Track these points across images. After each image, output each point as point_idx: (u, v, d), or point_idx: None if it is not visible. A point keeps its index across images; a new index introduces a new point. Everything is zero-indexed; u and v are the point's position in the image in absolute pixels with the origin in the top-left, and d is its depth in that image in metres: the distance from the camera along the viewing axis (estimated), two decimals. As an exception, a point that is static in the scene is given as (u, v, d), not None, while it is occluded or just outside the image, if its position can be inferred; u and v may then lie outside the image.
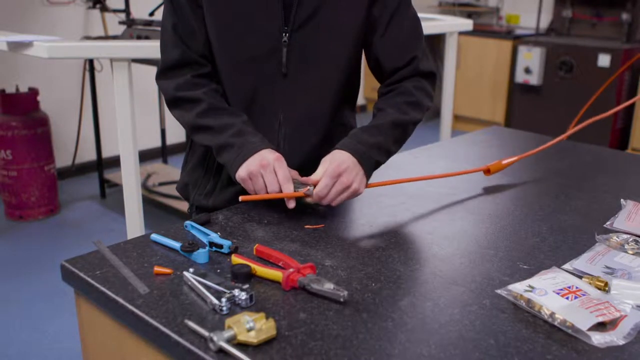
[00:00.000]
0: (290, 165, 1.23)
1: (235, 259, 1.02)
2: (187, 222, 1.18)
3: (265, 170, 1.18)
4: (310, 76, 1.33)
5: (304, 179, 1.22)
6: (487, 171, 1.47)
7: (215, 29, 1.30)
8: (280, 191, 1.18)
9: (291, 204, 1.20)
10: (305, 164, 1.36)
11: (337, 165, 1.20)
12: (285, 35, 1.28)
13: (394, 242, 1.15)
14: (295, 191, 1.18)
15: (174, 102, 1.33)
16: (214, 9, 1.28)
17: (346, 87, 1.39)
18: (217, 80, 1.35)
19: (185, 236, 1.15)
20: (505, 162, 1.48)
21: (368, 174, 1.26)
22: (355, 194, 1.22)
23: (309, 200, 1.21)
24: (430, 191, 1.41)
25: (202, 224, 1.17)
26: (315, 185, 1.20)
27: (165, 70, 1.34)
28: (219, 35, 1.30)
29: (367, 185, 1.26)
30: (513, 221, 1.26)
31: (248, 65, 1.31)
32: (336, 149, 1.25)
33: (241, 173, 1.21)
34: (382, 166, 1.30)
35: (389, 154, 1.32)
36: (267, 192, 1.19)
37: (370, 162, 1.25)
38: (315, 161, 1.29)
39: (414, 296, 0.95)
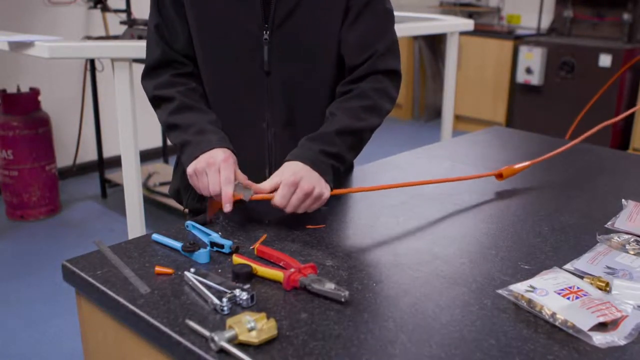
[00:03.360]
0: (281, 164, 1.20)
1: (236, 259, 1.02)
2: (188, 222, 1.18)
3: (210, 169, 1.15)
4: (293, 74, 1.31)
5: (249, 183, 1.17)
6: (500, 176, 1.45)
7: (196, 29, 1.30)
8: (220, 192, 1.14)
9: (227, 208, 1.14)
10: None
11: (292, 174, 1.15)
12: (266, 33, 1.28)
13: (395, 242, 1.15)
14: (235, 193, 1.14)
15: (153, 101, 1.33)
16: (194, 8, 1.28)
17: (335, 84, 1.35)
18: (198, 79, 1.35)
19: (186, 236, 1.15)
20: (517, 166, 1.47)
21: (328, 179, 1.20)
22: (321, 198, 1.17)
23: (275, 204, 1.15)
24: (432, 191, 1.41)
25: (203, 224, 1.17)
26: (268, 192, 1.15)
27: (148, 70, 1.35)
28: (200, 34, 1.30)
29: (333, 191, 1.21)
30: (514, 221, 1.26)
31: (230, 65, 1.31)
32: (285, 161, 1.20)
33: (189, 169, 1.19)
34: (383, 165, 1.30)
35: (343, 160, 1.26)
36: (209, 192, 1.15)
37: (324, 167, 1.20)
38: None
39: (415, 296, 0.95)
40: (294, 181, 1.14)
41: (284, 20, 1.27)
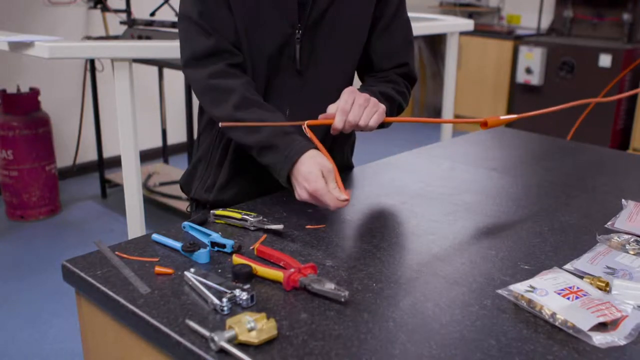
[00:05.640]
0: None
1: (237, 259, 1.02)
2: (185, 223, 1.18)
3: (319, 194, 1.12)
4: (320, 74, 1.35)
5: (323, 117, 1.23)
6: (484, 124, 1.36)
7: None
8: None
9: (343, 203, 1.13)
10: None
11: (350, 90, 1.23)
12: (299, 32, 1.29)
13: (395, 242, 1.15)
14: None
15: (206, 90, 1.27)
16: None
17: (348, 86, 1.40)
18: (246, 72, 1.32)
19: (186, 236, 1.15)
20: (503, 118, 1.38)
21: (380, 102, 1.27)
22: (379, 108, 1.23)
23: (336, 126, 1.20)
24: (431, 191, 1.41)
25: (199, 224, 1.17)
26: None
27: (196, 59, 1.28)
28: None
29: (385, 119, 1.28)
30: (514, 221, 1.26)
31: (261, 61, 1.31)
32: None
33: (300, 196, 1.16)
34: (384, 165, 1.30)
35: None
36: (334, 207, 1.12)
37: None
38: None
39: (415, 296, 0.95)
40: (353, 90, 1.24)
41: (317, 20, 1.30)
